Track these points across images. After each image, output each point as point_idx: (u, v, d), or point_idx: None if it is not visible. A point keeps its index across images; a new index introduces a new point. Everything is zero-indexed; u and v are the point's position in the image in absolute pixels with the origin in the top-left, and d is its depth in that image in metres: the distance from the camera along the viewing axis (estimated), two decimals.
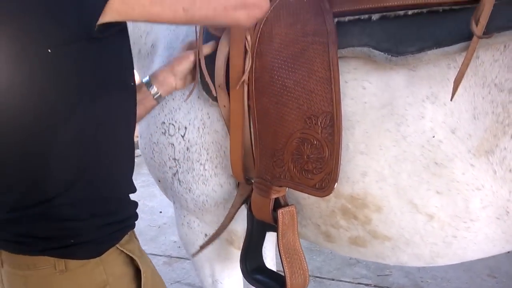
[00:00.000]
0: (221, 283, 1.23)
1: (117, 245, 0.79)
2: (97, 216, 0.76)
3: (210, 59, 0.98)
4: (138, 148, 1.22)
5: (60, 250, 0.73)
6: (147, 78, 0.99)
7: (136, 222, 0.87)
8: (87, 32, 0.66)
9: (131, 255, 0.80)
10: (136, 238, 0.88)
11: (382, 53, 0.77)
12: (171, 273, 1.34)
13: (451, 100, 0.70)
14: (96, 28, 0.66)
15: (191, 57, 0.98)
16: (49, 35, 0.64)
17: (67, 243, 0.73)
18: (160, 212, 3.54)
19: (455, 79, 0.68)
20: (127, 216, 0.83)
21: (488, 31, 0.67)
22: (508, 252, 0.92)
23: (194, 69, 1.00)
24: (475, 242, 0.82)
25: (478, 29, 0.66)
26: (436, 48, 0.72)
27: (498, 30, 0.67)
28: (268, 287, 1.01)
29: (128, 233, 0.83)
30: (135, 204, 0.86)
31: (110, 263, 0.77)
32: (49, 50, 0.64)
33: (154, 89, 0.97)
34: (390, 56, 0.76)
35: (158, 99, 0.98)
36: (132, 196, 0.87)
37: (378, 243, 0.90)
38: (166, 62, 1.02)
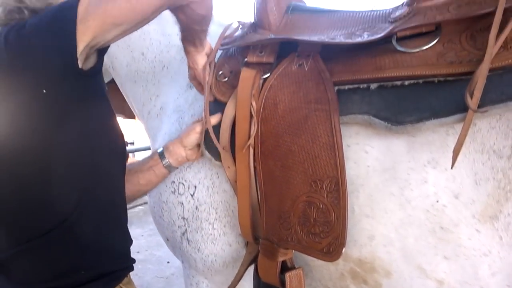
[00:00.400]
0: None
1: (120, 284, 0.86)
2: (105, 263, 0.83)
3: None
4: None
5: None
6: (161, 149, 1.05)
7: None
8: (72, 66, 0.74)
9: None
10: (132, 281, 0.94)
11: (382, 121, 0.80)
12: None
13: (451, 168, 0.72)
14: (78, 61, 0.74)
15: (197, 129, 1.03)
16: (39, 77, 0.71)
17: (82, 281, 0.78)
18: (168, 262, 3.48)
19: (454, 149, 0.71)
20: (128, 261, 0.90)
21: (483, 104, 0.70)
22: None
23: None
24: None
25: (473, 103, 0.69)
26: (433, 119, 0.75)
27: (493, 103, 0.70)
28: None
29: (127, 275, 0.90)
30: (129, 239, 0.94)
31: None
32: (44, 91, 0.71)
33: (165, 159, 1.02)
34: (390, 124, 0.79)
35: (169, 167, 1.04)
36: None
37: None
38: (179, 137, 1.07)
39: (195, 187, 1.08)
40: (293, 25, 1.02)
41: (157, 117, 1.29)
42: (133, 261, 0.97)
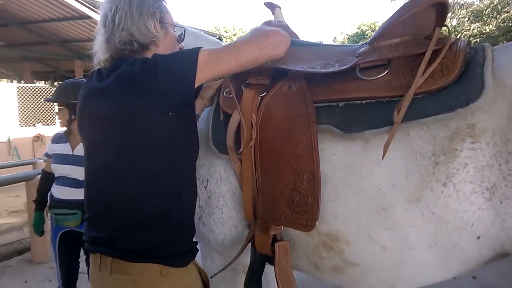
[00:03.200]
0: None
1: (194, 261, 1.19)
2: (190, 226, 1.19)
3: (223, 127, 1.38)
4: None
5: (166, 260, 1.09)
6: None
7: None
8: (189, 98, 1.14)
9: (199, 267, 1.21)
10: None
11: (339, 130, 1.16)
12: None
13: (382, 159, 1.07)
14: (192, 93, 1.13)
15: (213, 86, 1.44)
16: (167, 104, 1.09)
17: (171, 253, 1.10)
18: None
19: (384, 147, 1.06)
20: (195, 241, 1.24)
21: (407, 119, 1.05)
22: (454, 278, 1.24)
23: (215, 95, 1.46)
24: (419, 267, 1.15)
25: (398, 117, 1.04)
26: (371, 129, 1.10)
27: (414, 118, 1.05)
28: None
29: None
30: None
31: (191, 271, 1.16)
32: (170, 113, 1.10)
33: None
34: (343, 133, 1.15)
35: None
36: None
37: (350, 269, 1.24)
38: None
39: (208, 180, 1.43)
40: (286, 56, 1.37)
41: None
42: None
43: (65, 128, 2.39)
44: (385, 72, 1.17)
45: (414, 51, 1.15)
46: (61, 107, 2.34)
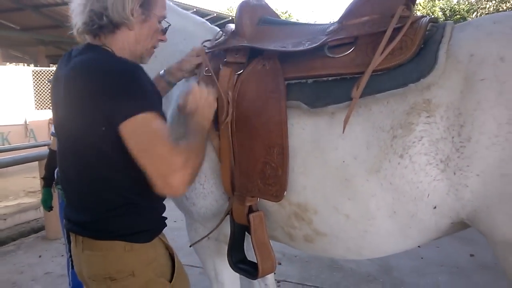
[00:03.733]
0: (221, 274, 1.67)
1: (159, 236, 1.25)
2: (154, 207, 1.23)
3: None
4: None
5: (129, 237, 1.16)
6: (162, 71, 1.51)
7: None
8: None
9: (166, 243, 1.27)
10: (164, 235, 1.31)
11: (305, 106, 1.22)
12: (205, 281, 1.78)
13: (343, 132, 1.15)
14: None
15: (193, 61, 1.48)
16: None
17: (134, 231, 1.17)
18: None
19: (343, 120, 1.12)
20: (163, 216, 1.28)
21: (364, 94, 1.11)
22: (419, 246, 1.31)
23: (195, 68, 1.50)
24: (381, 236, 1.22)
25: (356, 93, 1.10)
26: (333, 104, 1.17)
27: (370, 94, 1.11)
28: (248, 272, 1.45)
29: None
30: (165, 207, 1.31)
31: (157, 246, 1.23)
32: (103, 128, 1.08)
33: (165, 77, 1.50)
34: (309, 108, 1.21)
35: (169, 84, 1.51)
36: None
37: (320, 239, 1.32)
38: (178, 61, 1.51)
39: None
40: (261, 35, 1.44)
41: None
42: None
43: None
44: (351, 50, 1.23)
45: (378, 29, 1.20)
46: None
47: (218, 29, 1.65)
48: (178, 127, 1.45)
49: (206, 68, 1.46)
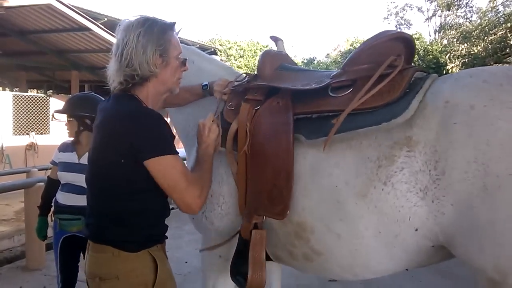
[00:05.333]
0: None
1: (148, 250, 1.42)
2: (143, 226, 1.45)
3: (225, 133, 1.68)
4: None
5: (118, 244, 1.40)
6: (206, 83, 1.87)
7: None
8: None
9: (153, 255, 1.42)
10: (164, 252, 1.52)
11: (304, 138, 1.46)
12: None
13: (323, 149, 1.41)
14: None
15: (222, 87, 1.82)
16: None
17: (123, 240, 1.41)
18: (186, 262, 4.19)
19: (324, 143, 1.40)
20: (158, 233, 1.50)
21: (348, 129, 1.39)
22: (407, 269, 1.46)
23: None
24: (369, 254, 1.40)
25: (332, 129, 1.38)
26: (323, 137, 1.42)
27: (353, 129, 1.38)
28: (240, 283, 1.64)
29: (158, 245, 1.47)
30: (166, 226, 1.53)
31: (142, 257, 1.42)
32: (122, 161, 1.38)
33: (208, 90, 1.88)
34: (306, 140, 1.46)
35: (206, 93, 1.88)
36: None
37: (317, 257, 1.51)
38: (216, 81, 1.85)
39: None
40: (278, 78, 1.71)
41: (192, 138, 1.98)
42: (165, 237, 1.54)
43: (72, 138, 2.59)
44: (349, 91, 1.48)
45: (372, 73, 1.45)
46: (70, 119, 2.54)
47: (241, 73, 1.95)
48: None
49: (230, 103, 1.74)
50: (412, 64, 1.57)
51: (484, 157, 1.19)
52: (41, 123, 9.74)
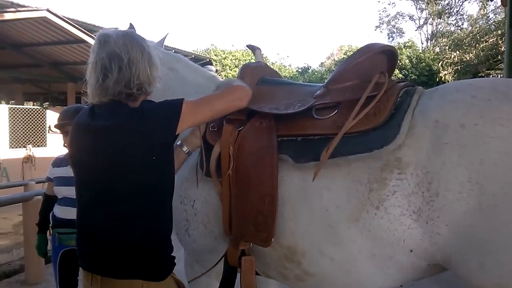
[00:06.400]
0: None
1: (171, 274, 1.41)
2: (168, 251, 1.40)
3: (208, 156, 1.63)
4: None
5: (147, 275, 1.32)
6: (179, 142, 1.67)
7: None
8: (170, 142, 1.40)
9: (176, 278, 1.43)
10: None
11: (291, 160, 1.40)
12: None
13: (312, 180, 1.34)
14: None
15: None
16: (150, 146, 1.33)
17: (151, 270, 1.33)
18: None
19: (314, 172, 1.33)
20: (171, 252, 1.45)
21: (338, 155, 1.33)
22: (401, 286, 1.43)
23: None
24: (364, 274, 1.35)
25: (325, 155, 1.32)
26: (313, 161, 1.36)
27: (343, 155, 1.32)
28: None
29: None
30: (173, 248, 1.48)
31: (168, 284, 1.39)
32: (153, 158, 1.34)
33: (185, 148, 1.65)
34: (293, 162, 1.39)
35: (188, 153, 1.66)
36: None
37: (310, 278, 1.45)
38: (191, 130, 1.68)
39: (194, 200, 1.69)
40: (261, 94, 1.65)
41: None
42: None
43: (66, 152, 2.50)
44: (334, 113, 1.43)
45: (357, 96, 1.40)
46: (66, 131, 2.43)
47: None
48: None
49: (212, 124, 1.68)
50: (400, 75, 1.53)
51: (478, 177, 1.16)
52: (37, 135, 9.74)
